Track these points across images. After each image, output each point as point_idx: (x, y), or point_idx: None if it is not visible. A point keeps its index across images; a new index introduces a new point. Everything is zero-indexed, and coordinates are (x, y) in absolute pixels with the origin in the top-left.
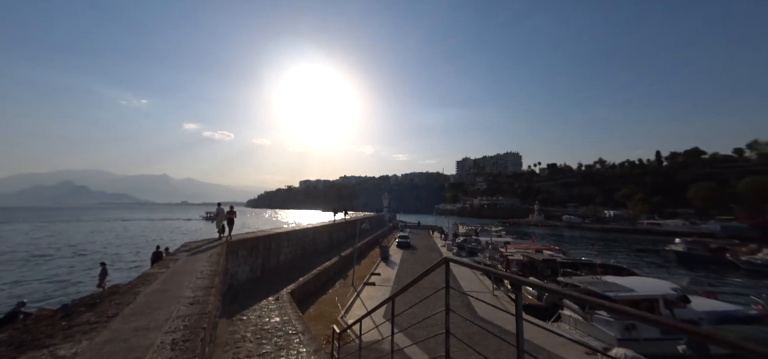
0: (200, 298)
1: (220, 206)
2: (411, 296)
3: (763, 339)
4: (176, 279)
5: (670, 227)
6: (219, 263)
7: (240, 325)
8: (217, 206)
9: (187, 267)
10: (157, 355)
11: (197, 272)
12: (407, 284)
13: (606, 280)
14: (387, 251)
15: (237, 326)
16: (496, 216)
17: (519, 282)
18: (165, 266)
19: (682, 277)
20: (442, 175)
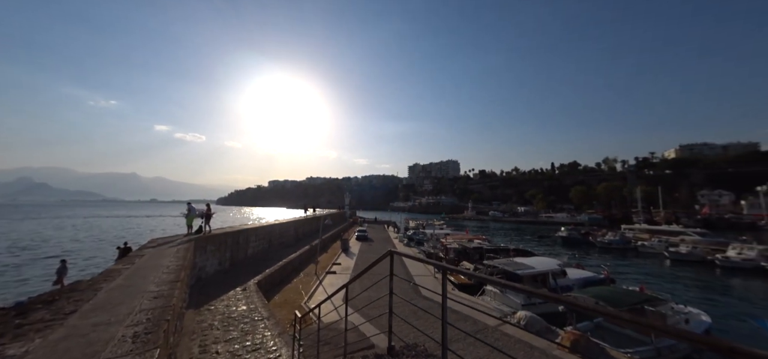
0: (165, 292)
1: (191, 205)
2: (366, 281)
3: (609, 293)
4: (141, 274)
5: (558, 219)
6: (186, 258)
7: (207, 315)
8: (187, 205)
9: (154, 262)
10: (117, 348)
11: (163, 267)
12: (359, 272)
13: (516, 261)
14: (347, 243)
15: (204, 316)
16: (439, 212)
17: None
18: (130, 262)
19: (564, 255)
20: (396, 177)
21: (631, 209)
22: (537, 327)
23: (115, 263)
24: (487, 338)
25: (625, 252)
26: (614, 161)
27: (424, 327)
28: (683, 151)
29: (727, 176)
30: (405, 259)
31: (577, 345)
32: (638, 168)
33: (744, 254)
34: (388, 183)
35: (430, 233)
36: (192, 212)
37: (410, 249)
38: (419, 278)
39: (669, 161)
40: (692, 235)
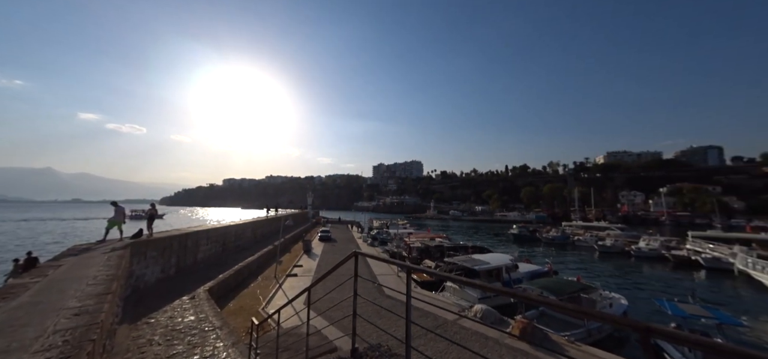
0: (91, 307)
1: (118, 206)
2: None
3: (552, 283)
4: (58, 287)
5: (510, 218)
6: (120, 267)
7: (146, 329)
8: (113, 205)
9: (76, 273)
10: None
11: (89, 278)
12: (322, 274)
13: (473, 257)
14: (310, 244)
15: (142, 331)
16: (403, 212)
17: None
18: (41, 275)
19: (515, 250)
20: (361, 177)
21: (570, 208)
22: (491, 319)
23: (14, 278)
24: (446, 332)
25: (565, 246)
26: (557, 165)
27: (388, 327)
28: (609, 157)
29: (641, 180)
30: (369, 260)
31: (524, 332)
32: (576, 172)
33: (650, 245)
34: (352, 183)
35: (393, 232)
36: (118, 216)
37: (374, 249)
38: (383, 277)
39: (599, 165)
40: (615, 230)
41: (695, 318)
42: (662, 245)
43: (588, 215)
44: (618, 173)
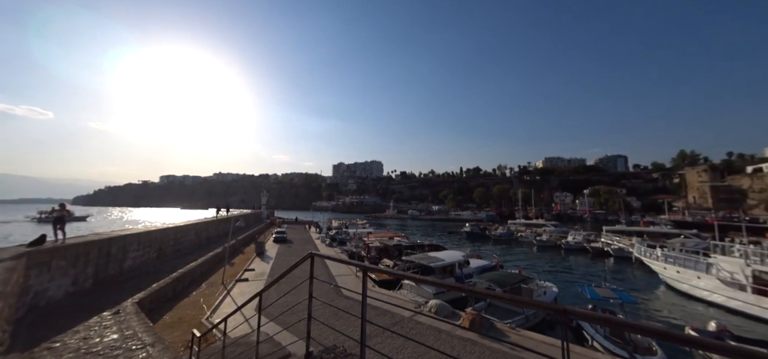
0: None
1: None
2: (284, 286)
3: (498, 277)
4: None
5: (464, 217)
6: (11, 282)
7: (48, 356)
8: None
9: None
10: None
11: None
12: (276, 278)
13: (429, 255)
14: (263, 246)
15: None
16: (362, 212)
17: (365, 269)
18: None
19: (468, 247)
20: (320, 176)
21: (515, 207)
22: (445, 313)
23: None
24: (403, 329)
25: (510, 242)
26: (505, 168)
27: (344, 328)
28: (547, 162)
29: (570, 182)
30: (327, 261)
31: (473, 323)
32: (520, 174)
33: (575, 239)
34: (311, 182)
35: (353, 232)
36: None
37: (332, 250)
38: (341, 278)
39: (538, 169)
40: (550, 227)
41: (605, 300)
42: (584, 239)
43: (529, 213)
44: (553, 176)
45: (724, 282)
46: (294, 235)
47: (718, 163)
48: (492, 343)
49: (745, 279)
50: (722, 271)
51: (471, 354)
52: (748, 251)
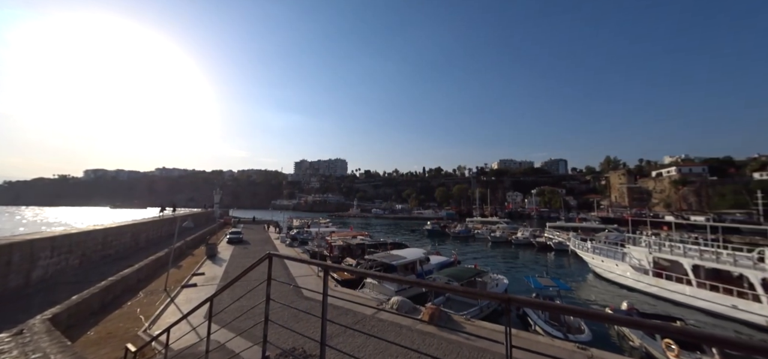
0: None
1: None
2: (239, 290)
3: (455, 272)
4: None
5: (426, 215)
6: None
7: None
8: None
9: None
10: None
11: None
12: (229, 281)
13: (391, 253)
14: (215, 248)
15: None
16: (326, 210)
17: (326, 268)
18: None
19: (428, 245)
20: (281, 173)
21: (473, 206)
22: (406, 309)
23: None
24: (365, 327)
25: (468, 239)
26: (464, 169)
27: (304, 329)
28: (501, 164)
29: (520, 183)
30: (286, 261)
31: (432, 317)
32: (478, 175)
33: (524, 235)
34: (271, 179)
35: (315, 231)
36: None
37: (293, 250)
38: (302, 279)
39: (494, 170)
40: (502, 224)
41: (546, 288)
42: (531, 235)
43: (485, 212)
44: (507, 177)
45: (634, 267)
46: (251, 235)
47: (633, 168)
48: (449, 334)
49: (648, 264)
50: (633, 259)
51: (430, 346)
52: (651, 242)
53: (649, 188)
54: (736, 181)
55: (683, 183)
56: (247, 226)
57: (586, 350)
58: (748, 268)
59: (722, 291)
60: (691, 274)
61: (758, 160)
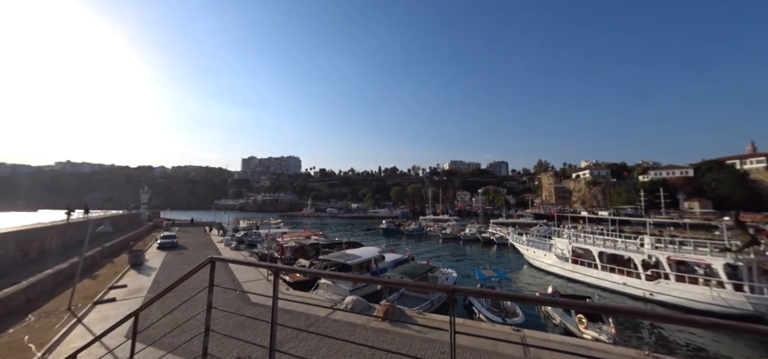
0: None
1: None
2: (173, 300)
3: (409, 268)
4: None
5: (381, 214)
6: None
7: None
8: None
9: None
10: None
11: None
12: (160, 292)
13: (346, 252)
14: (140, 255)
15: None
16: (277, 210)
17: (276, 270)
18: None
19: (384, 243)
20: (226, 171)
21: (426, 205)
22: (360, 307)
23: None
24: (318, 328)
25: (421, 236)
26: (418, 169)
27: (253, 337)
28: (452, 165)
29: (469, 183)
30: (231, 265)
31: (387, 313)
32: (430, 175)
33: (471, 231)
34: (213, 177)
35: (265, 233)
36: None
37: (239, 253)
38: (250, 284)
39: (445, 171)
40: (452, 221)
41: (489, 279)
42: (477, 231)
43: (437, 210)
44: (457, 177)
45: (558, 256)
46: (188, 239)
47: (559, 170)
48: (402, 329)
49: (568, 253)
50: (557, 249)
51: (384, 341)
52: (570, 234)
53: (570, 188)
54: (628, 182)
55: (594, 184)
56: (184, 229)
57: (519, 331)
58: (633, 252)
59: (617, 271)
60: (597, 259)
61: (642, 165)
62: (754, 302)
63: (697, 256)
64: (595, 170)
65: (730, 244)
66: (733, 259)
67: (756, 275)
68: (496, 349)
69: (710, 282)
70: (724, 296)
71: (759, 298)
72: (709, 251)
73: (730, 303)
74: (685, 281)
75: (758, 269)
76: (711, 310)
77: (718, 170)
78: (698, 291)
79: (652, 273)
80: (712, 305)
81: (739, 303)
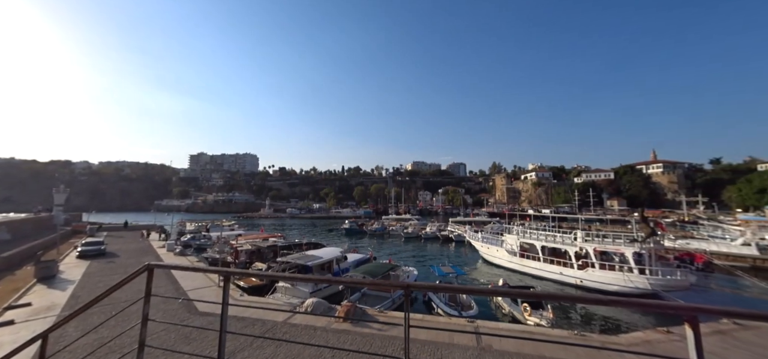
0: None
1: None
2: (98, 316)
3: (371, 268)
4: None
5: (344, 214)
6: None
7: None
8: None
9: None
10: None
11: None
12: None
13: (306, 254)
14: (52, 267)
15: None
16: (231, 211)
17: (227, 275)
18: None
19: (346, 243)
20: (170, 168)
21: (389, 205)
22: (321, 309)
23: None
24: (275, 334)
25: (384, 236)
26: (382, 169)
27: (199, 349)
28: (415, 165)
29: (430, 183)
30: (175, 272)
31: (348, 313)
32: (394, 175)
33: (432, 230)
34: (154, 175)
35: (216, 236)
36: None
37: (185, 259)
38: (197, 292)
39: (408, 171)
40: (414, 220)
41: (447, 275)
42: (437, 230)
43: (400, 210)
44: (419, 177)
45: (508, 251)
46: (121, 245)
47: (510, 172)
48: (363, 329)
49: (516, 248)
50: (507, 245)
51: (344, 342)
52: (518, 231)
53: (520, 189)
54: (565, 183)
55: (539, 185)
56: (116, 234)
57: (473, 322)
58: (568, 245)
59: (556, 263)
60: (540, 253)
61: (576, 169)
62: (652, 282)
63: (614, 247)
64: (540, 172)
65: (637, 236)
66: (638, 248)
67: (654, 260)
68: (452, 341)
69: (623, 268)
70: (632, 279)
71: (655, 279)
72: (622, 242)
73: (635, 285)
74: (606, 268)
75: (656, 255)
76: (622, 291)
77: (631, 173)
78: (614, 276)
79: (582, 263)
80: (624, 287)
81: (642, 284)
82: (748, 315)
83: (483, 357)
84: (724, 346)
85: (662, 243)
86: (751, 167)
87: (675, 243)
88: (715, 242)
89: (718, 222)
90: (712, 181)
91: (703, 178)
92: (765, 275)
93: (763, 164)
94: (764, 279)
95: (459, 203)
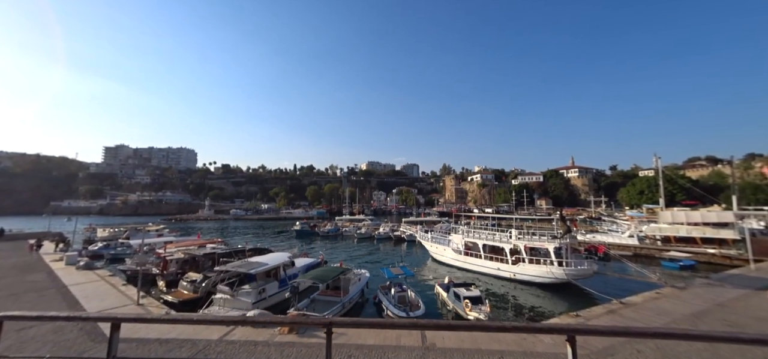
0: None
1: None
2: None
3: (321, 272)
4: None
5: (296, 215)
6: None
7: None
8: None
9: None
10: None
11: None
12: None
13: (250, 261)
14: None
15: None
16: (161, 213)
17: (116, 321)
18: None
19: (297, 246)
20: (76, 161)
21: (343, 205)
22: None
23: None
24: (208, 355)
25: (337, 237)
26: (336, 168)
27: None
28: (369, 165)
29: (384, 183)
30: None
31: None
32: (348, 175)
33: (385, 231)
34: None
35: (137, 244)
36: None
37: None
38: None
39: (363, 171)
40: (368, 221)
41: (396, 276)
42: (390, 230)
43: (354, 210)
44: (374, 177)
45: (454, 250)
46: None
47: (459, 173)
48: (310, 339)
49: (462, 247)
50: (454, 243)
51: (289, 355)
52: (464, 230)
53: (467, 189)
54: (505, 185)
55: (483, 186)
56: None
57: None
58: (504, 243)
59: (494, 259)
60: (482, 251)
61: (514, 172)
62: (567, 273)
63: (541, 243)
64: (484, 175)
65: (558, 233)
66: (558, 244)
67: (569, 253)
68: (399, 342)
69: (547, 262)
70: (553, 271)
71: (570, 270)
72: (547, 238)
73: (556, 276)
74: (534, 262)
75: (571, 249)
76: (545, 282)
77: (555, 177)
78: (540, 269)
79: (516, 259)
80: (547, 278)
81: (560, 275)
82: (622, 333)
83: (427, 356)
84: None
85: (576, 238)
86: (635, 172)
87: (585, 237)
88: (612, 234)
89: (614, 218)
90: (611, 184)
91: (606, 181)
92: (643, 260)
93: (643, 170)
94: (641, 264)
95: (412, 203)
